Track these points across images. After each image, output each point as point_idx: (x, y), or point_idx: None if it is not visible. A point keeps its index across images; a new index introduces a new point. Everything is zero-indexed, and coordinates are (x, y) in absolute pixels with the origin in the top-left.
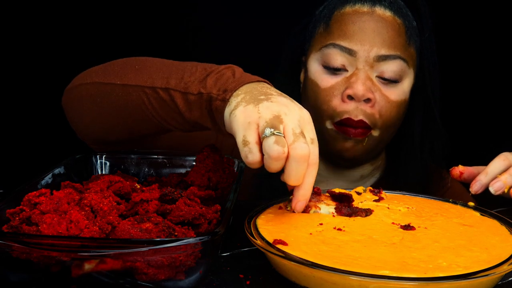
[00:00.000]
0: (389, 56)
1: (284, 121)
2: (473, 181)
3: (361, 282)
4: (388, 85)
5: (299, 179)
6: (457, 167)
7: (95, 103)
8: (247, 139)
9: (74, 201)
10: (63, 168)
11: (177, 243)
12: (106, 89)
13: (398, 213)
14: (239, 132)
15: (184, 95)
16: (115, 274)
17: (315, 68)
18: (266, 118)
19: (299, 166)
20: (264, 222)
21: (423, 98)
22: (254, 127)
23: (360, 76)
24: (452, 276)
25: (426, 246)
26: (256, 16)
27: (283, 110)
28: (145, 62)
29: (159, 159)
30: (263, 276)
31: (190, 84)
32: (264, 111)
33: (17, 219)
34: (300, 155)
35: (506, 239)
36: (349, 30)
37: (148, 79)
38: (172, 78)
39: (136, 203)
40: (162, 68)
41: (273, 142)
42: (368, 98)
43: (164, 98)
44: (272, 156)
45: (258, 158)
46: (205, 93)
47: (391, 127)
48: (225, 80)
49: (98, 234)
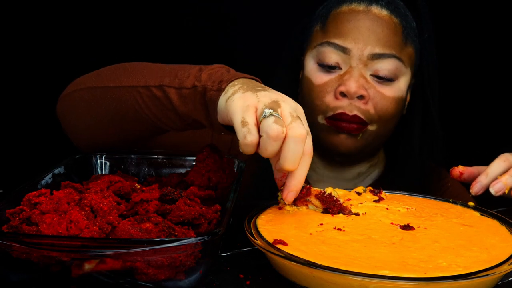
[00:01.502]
0: (384, 55)
1: (281, 106)
2: (474, 182)
3: (361, 282)
4: (382, 83)
5: (295, 162)
6: (457, 167)
7: (89, 108)
8: (245, 120)
9: (74, 201)
10: (63, 168)
11: (177, 243)
12: (99, 93)
13: (397, 213)
14: (237, 114)
15: (178, 90)
16: (115, 274)
17: (310, 65)
18: (265, 102)
19: (296, 147)
20: (264, 222)
21: (422, 99)
22: (253, 109)
23: (353, 73)
24: (452, 276)
25: (426, 246)
26: (257, 16)
27: (280, 98)
28: (137, 65)
29: (159, 159)
30: (263, 276)
31: (185, 79)
32: (263, 97)
33: (17, 219)
34: (298, 134)
35: (506, 239)
36: (344, 28)
37: (142, 79)
38: (166, 76)
39: (136, 203)
40: (155, 69)
41: (272, 121)
42: (361, 95)
43: (158, 95)
44: (272, 135)
45: (256, 138)
46: (200, 85)
47: (389, 122)
48: (220, 74)
49: (98, 234)
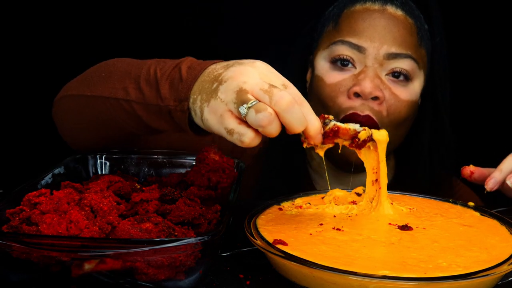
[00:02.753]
0: (400, 55)
1: (248, 89)
2: (488, 178)
3: (361, 282)
4: (398, 83)
5: (303, 122)
6: (468, 166)
7: (75, 114)
8: (229, 128)
9: (74, 201)
10: (63, 168)
11: (177, 243)
12: (80, 101)
13: (397, 214)
14: (220, 129)
15: (145, 107)
16: (115, 274)
17: (322, 64)
18: (232, 100)
19: (293, 112)
20: (264, 222)
21: (432, 105)
22: (228, 115)
23: (368, 73)
24: (452, 276)
25: (426, 246)
26: (257, 17)
27: (240, 80)
28: (111, 67)
29: (159, 159)
30: (263, 276)
31: (148, 94)
32: (226, 96)
33: (17, 219)
34: (286, 103)
35: (506, 239)
36: (359, 27)
37: (112, 89)
38: (131, 88)
39: (136, 203)
40: (123, 75)
41: (254, 114)
42: (376, 96)
43: (128, 110)
44: (264, 124)
45: (252, 134)
46: (163, 105)
47: (400, 127)
48: (176, 86)
49: (98, 234)
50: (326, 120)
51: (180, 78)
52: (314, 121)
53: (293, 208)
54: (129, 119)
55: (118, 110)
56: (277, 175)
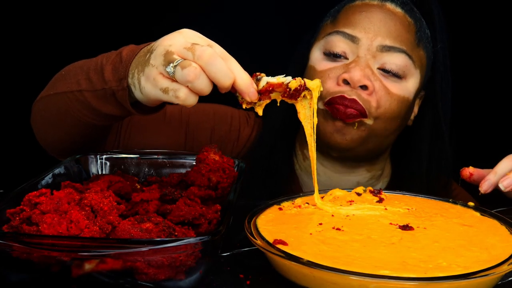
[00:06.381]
0: (394, 48)
1: (173, 50)
2: (482, 180)
3: (361, 282)
4: (389, 78)
5: (228, 74)
6: (467, 168)
7: (43, 116)
8: (163, 87)
9: (74, 201)
10: (63, 168)
11: (177, 243)
12: (46, 102)
13: (397, 214)
14: (156, 93)
15: (94, 93)
16: (115, 274)
17: (316, 56)
18: (161, 63)
19: (216, 65)
20: (264, 222)
21: (433, 115)
22: (160, 77)
23: (359, 62)
24: (452, 276)
25: (426, 246)
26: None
27: (166, 44)
28: (71, 67)
29: (159, 159)
30: (263, 276)
31: (95, 81)
32: (155, 61)
33: (18, 219)
34: (207, 56)
35: (506, 239)
36: (355, 18)
37: (69, 84)
38: (82, 79)
39: (136, 203)
40: (78, 71)
41: (180, 70)
42: (365, 85)
43: (81, 99)
44: (190, 79)
45: (186, 89)
46: (108, 88)
47: (390, 121)
48: (117, 67)
49: (98, 234)
50: (258, 76)
51: (121, 60)
52: (241, 74)
53: (293, 208)
54: (84, 108)
55: (74, 101)
56: (280, 176)
